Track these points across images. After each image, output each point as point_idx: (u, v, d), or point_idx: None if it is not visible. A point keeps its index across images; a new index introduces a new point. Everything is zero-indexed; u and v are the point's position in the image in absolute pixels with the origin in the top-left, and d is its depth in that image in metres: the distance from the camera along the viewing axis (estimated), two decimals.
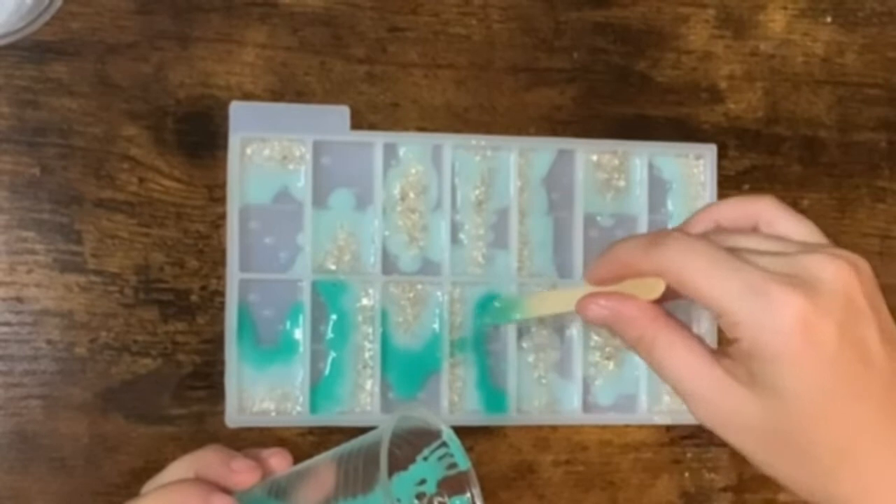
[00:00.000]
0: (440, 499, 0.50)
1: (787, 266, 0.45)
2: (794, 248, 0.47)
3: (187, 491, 0.51)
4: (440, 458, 0.50)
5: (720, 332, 0.54)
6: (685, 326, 0.48)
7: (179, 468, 0.54)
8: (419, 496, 0.50)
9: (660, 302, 0.49)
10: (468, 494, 0.50)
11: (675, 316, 0.49)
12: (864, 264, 0.46)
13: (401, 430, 0.49)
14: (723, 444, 0.49)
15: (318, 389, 0.69)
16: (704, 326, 0.72)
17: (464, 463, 0.50)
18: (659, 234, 0.48)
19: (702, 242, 0.46)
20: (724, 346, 0.47)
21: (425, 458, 0.50)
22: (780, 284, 0.44)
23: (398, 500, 0.49)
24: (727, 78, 0.76)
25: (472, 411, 0.71)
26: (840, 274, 0.45)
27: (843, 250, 0.46)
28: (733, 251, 0.46)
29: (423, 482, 0.50)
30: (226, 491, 0.51)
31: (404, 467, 0.50)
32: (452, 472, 0.50)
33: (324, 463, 0.50)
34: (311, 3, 0.70)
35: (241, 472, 0.52)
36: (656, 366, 0.48)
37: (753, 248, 0.47)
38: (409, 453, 0.50)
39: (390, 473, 0.48)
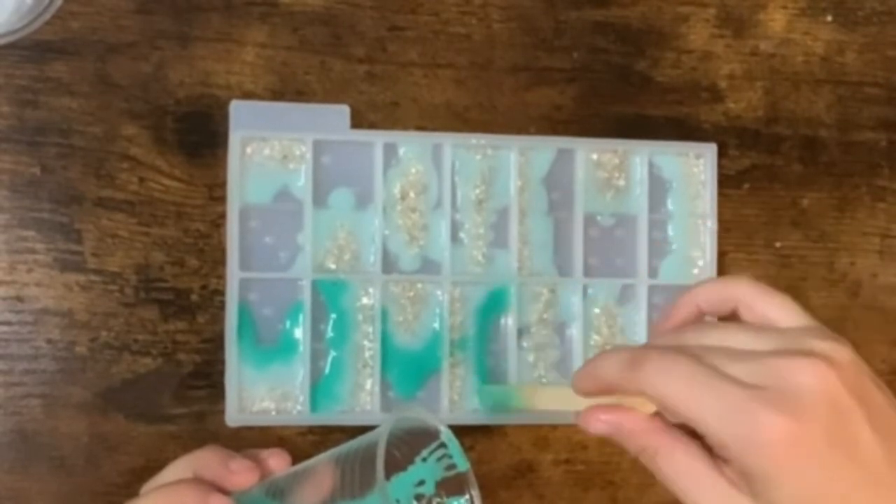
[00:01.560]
0: (438, 500, 0.50)
1: (766, 376, 0.45)
2: (773, 344, 0.46)
3: (185, 491, 0.51)
4: (439, 459, 0.50)
5: None
6: (686, 436, 0.48)
7: (178, 469, 0.54)
8: (418, 497, 0.50)
9: None
10: (467, 496, 0.50)
11: (676, 427, 0.49)
12: (842, 354, 0.46)
13: (399, 431, 0.49)
14: None
15: (319, 388, 0.69)
16: None
17: (462, 464, 0.50)
18: (637, 355, 0.48)
19: (679, 363, 0.46)
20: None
21: (424, 459, 0.50)
22: (763, 405, 0.44)
23: (396, 501, 0.49)
24: (727, 77, 0.76)
25: (473, 410, 0.71)
26: (819, 378, 0.44)
27: (820, 340, 0.46)
28: (712, 355, 0.46)
29: (421, 483, 0.50)
30: (224, 492, 0.51)
31: (403, 468, 0.50)
32: (451, 472, 0.50)
33: (322, 463, 0.50)
34: (311, 3, 0.70)
35: (240, 473, 0.52)
36: (660, 477, 0.49)
37: (731, 346, 0.47)
38: (408, 454, 0.50)
39: (389, 474, 0.48)
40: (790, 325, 0.48)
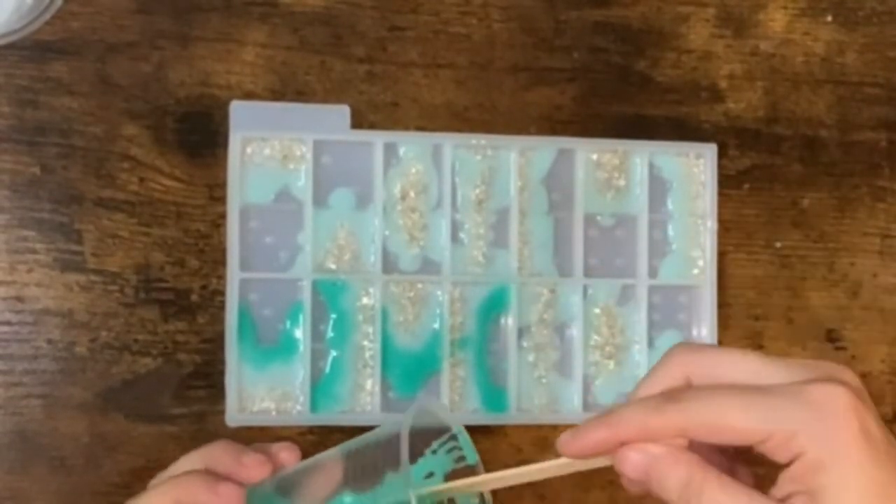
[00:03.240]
0: None
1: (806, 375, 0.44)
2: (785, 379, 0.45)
3: (193, 481, 0.51)
4: (448, 452, 0.50)
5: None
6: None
7: (189, 463, 0.54)
8: None
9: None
10: None
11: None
12: (850, 375, 0.45)
13: (412, 424, 0.49)
14: None
15: (319, 389, 0.69)
16: (704, 332, 0.73)
17: (472, 456, 0.50)
18: (674, 392, 0.45)
19: (713, 387, 0.44)
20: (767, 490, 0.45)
21: (434, 452, 0.50)
22: (819, 383, 0.43)
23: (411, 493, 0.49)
24: (727, 77, 0.76)
25: (473, 410, 0.71)
26: (847, 377, 0.44)
27: (827, 373, 0.45)
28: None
29: (430, 475, 0.50)
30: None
31: (413, 460, 0.50)
32: (460, 465, 0.50)
33: (332, 458, 0.50)
34: (312, 3, 0.70)
35: (252, 467, 0.52)
36: None
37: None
38: (419, 446, 0.50)
39: (397, 466, 0.48)
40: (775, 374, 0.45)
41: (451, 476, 0.50)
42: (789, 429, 0.43)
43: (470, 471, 0.50)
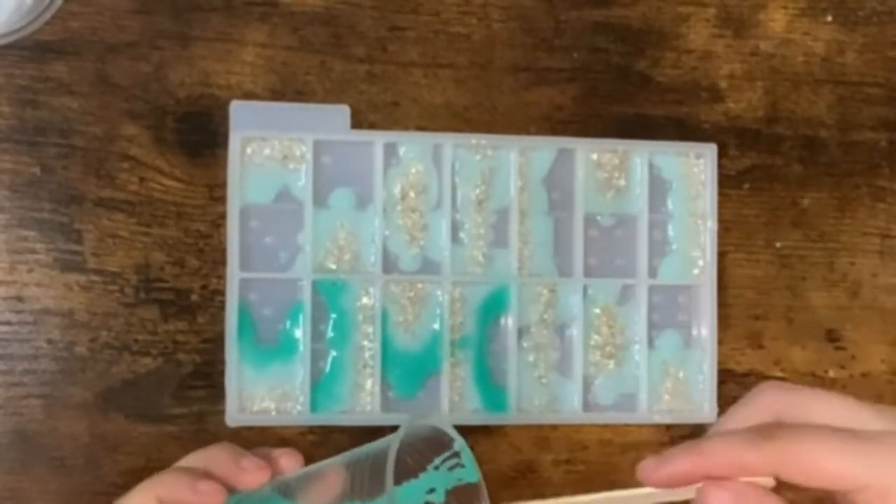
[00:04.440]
0: None
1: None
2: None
3: (175, 479, 0.51)
4: (451, 469, 0.50)
5: None
6: None
7: (189, 463, 0.54)
8: None
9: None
10: None
11: None
12: None
13: (413, 438, 0.49)
14: None
15: (319, 389, 0.69)
16: (704, 332, 0.73)
17: (473, 475, 0.50)
18: (768, 428, 0.44)
19: (811, 426, 0.43)
20: None
21: (436, 468, 0.50)
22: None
23: None
24: (727, 77, 0.76)
25: (473, 410, 0.71)
26: None
27: None
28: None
29: (431, 491, 0.50)
30: (234, 490, 0.51)
31: (414, 475, 0.50)
32: (463, 483, 0.50)
33: (333, 466, 0.50)
34: (312, 3, 0.70)
35: (251, 471, 0.52)
36: None
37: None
38: (420, 461, 0.50)
39: (400, 481, 0.48)
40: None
41: (452, 493, 0.50)
42: (888, 482, 0.42)
43: (472, 488, 0.50)
